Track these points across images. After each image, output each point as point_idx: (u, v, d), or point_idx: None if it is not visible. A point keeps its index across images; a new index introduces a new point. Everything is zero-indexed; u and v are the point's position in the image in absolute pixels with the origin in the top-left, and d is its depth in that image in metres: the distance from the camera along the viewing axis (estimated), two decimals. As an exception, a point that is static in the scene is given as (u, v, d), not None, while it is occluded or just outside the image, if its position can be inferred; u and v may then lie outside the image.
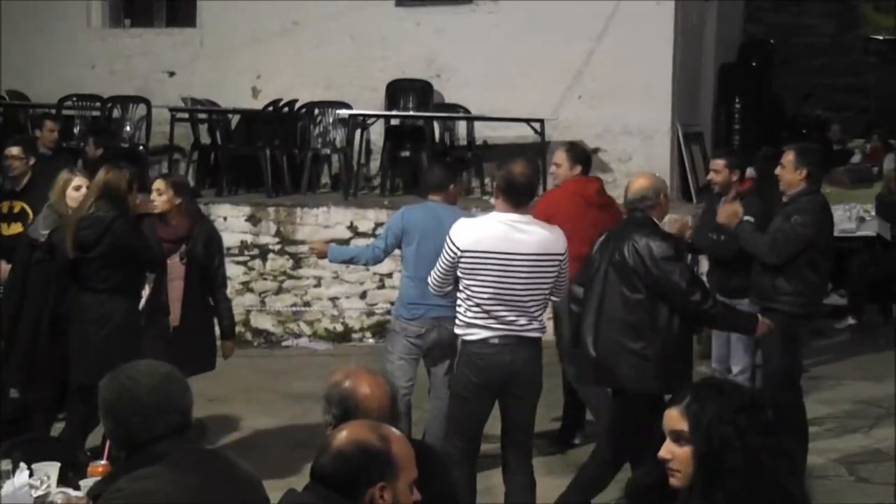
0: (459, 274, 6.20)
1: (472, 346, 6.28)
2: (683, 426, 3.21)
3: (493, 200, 6.74)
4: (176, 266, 7.91)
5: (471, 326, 6.25)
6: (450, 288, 6.41)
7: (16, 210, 9.14)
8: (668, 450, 3.24)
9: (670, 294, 6.48)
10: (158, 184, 8.04)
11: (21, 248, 7.92)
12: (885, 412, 9.17)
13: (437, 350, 7.65)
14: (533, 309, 6.23)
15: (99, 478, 4.48)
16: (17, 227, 8.96)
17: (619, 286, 6.56)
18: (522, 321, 6.20)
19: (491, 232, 6.18)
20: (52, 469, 4.85)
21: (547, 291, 6.29)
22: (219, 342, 8.25)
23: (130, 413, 3.59)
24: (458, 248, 6.16)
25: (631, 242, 6.53)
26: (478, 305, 6.18)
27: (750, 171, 9.47)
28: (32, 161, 9.33)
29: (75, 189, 7.62)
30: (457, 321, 6.36)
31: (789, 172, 7.61)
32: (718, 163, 8.43)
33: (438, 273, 6.34)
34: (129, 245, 7.44)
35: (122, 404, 3.61)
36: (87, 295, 7.45)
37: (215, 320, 8.26)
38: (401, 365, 7.58)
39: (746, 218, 7.82)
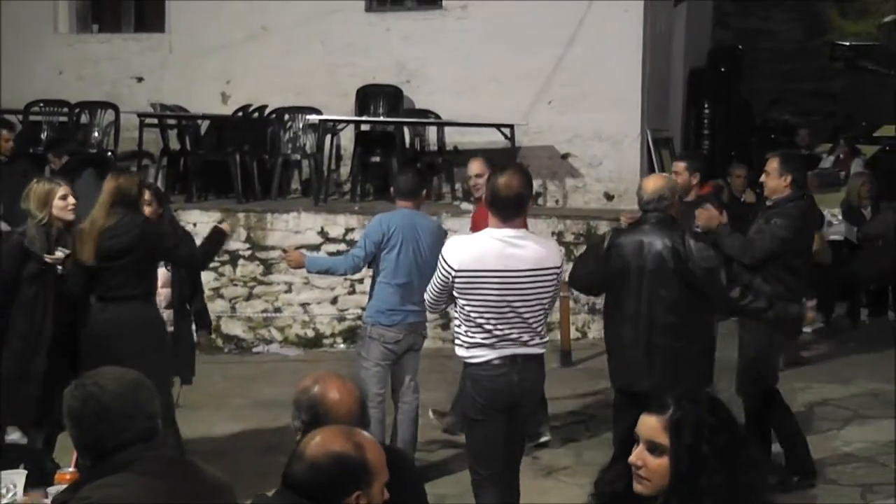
0: (456, 294, 5.95)
1: (477, 368, 6.02)
2: (663, 439, 3.18)
3: (463, 205, 6.74)
4: (163, 274, 7.88)
5: (474, 348, 5.99)
6: (444, 306, 6.23)
7: None
8: (640, 457, 3.20)
9: (716, 300, 6.59)
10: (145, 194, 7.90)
11: (7, 262, 7.27)
12: (852, 414, 9.22)
13: (408, 354, 7.74)
14: (535, 324, 6.02)
15: (66, 486, 4.45)
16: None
17: (657, 288, 6.60)
18: (525, 337, 5.99)
19: (485, 249, 5.93)
20: (18, 477, 4.82)
21: (546, 305, 6.08)
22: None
23: (96, 420, 3.53)
24: (451, 268, 5.89)
25: (667, 244, 6.57)
26: (479, 326, 5.94)
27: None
28: None
29: (62, 199, 7.17)
30: (458, 343, 6.09)
31: (774, 179, 7.65)
32: (679, 165, 8.51)
33: (433, 292, 6.09)
34: (163, 247, 7.33)
35: (88, 411, 3.54)
36: (114, 306, 7.14)
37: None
38: (377, 371, 7.60)
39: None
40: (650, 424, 3.22)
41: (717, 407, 3.27)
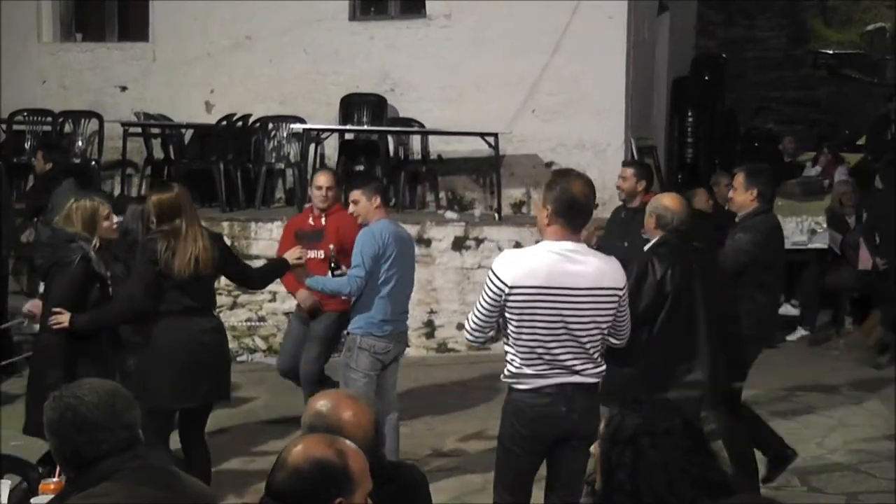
0: (507, 314, 5.36)
1: (521, 394, 5.44)
2: (602, 429, 3.31)
3: (448, 214, 6.65)
4: None
5: (521, 373, 5.42)
6: (492, 333, 5.58)
7: None
8: (594, 447, 3.37)
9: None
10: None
11: (71, 289, 6.98)
12: (837, 422, 9.24)
13: (392, 364, 7.78)
14: (591, 350, 5.44)
15: (51, 496, 4.43)
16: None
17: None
18: (579, 364, 5.42)
19: (542, 264, 5.36)
20: (3, 486, 4.80)
21: (605, 330, 5.50)
22: None
23: (74, 431, 3.52)
24: (505, 284, 5.31)
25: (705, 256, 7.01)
26: (530, 350, 5.37)
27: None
28: None
29: (106, 218, 7.03)
30: (507, 368, 5.49)
31: (741, 194, 7.64)
32: (627, 171, 8.62)
33: (481, 315, 5.44)
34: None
35: (66, 422, 3.54)
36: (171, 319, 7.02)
37: None
38: (365, 382, 7.55)
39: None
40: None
41: (649, 407, 3.35)
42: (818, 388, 10.22)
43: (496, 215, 12.30)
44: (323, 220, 8.67)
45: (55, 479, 4.65)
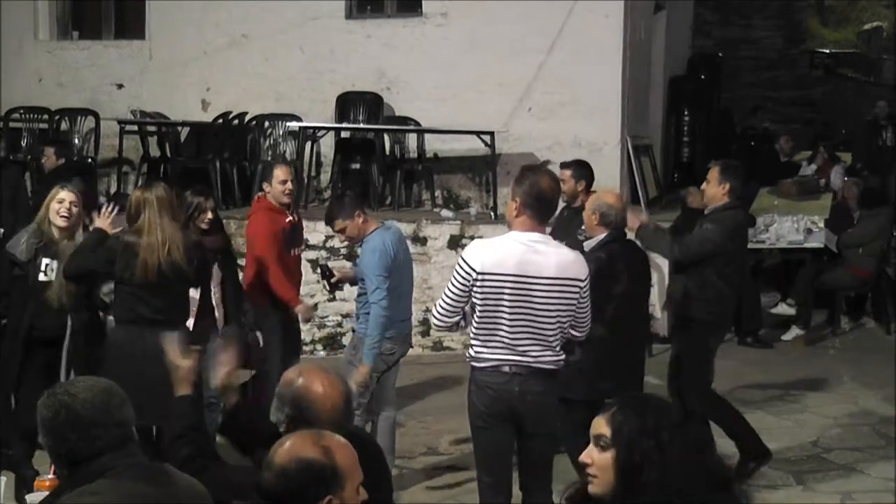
0: (474, 299, 5.64)
1: (481, 373, 5.74)
2: (607, 433, 3.21)
3: (443, 213, 6.68)
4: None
5: (482, 353, 5.71)
6: (458, 318, 5.79)
7: None
8: (588, 454, 3.22)
9: None
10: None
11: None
12: (832, 422, 9.25)
13: (395, 365, 7.78)
14: (551, 338, 5.70)
15: (46, 493, 4.44)
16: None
17: None
18: (537, 351, 5.68)
19: (510, 253, 5.64)
20: (-2, 483, 4.81)
21: (566, 320, 5.75)
22: None
23: (68, 429, 3.52)
24: (474, 271, 5.60)
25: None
26: (491, 333, 5.67)
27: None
28: None
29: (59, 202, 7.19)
30: (470, 349, 5.81)
31: (713, 187, 7.81)
32: (566, 172, 8.80)
33: (449, 300, 5.72)
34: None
35: (59, 420, 3.52)
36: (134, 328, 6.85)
37: None
38: (370, 382, 7.57)
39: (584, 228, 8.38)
40: (597, 422, 3.25)
41: (662, 404, 3.31)
42: (813, 387, 10.23)
43: (492, 214, 12.31)
44: (295, 217, 8.43)
45: (50, 477, 4.65)
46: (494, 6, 12.69)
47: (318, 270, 7.84)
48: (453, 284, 5.68)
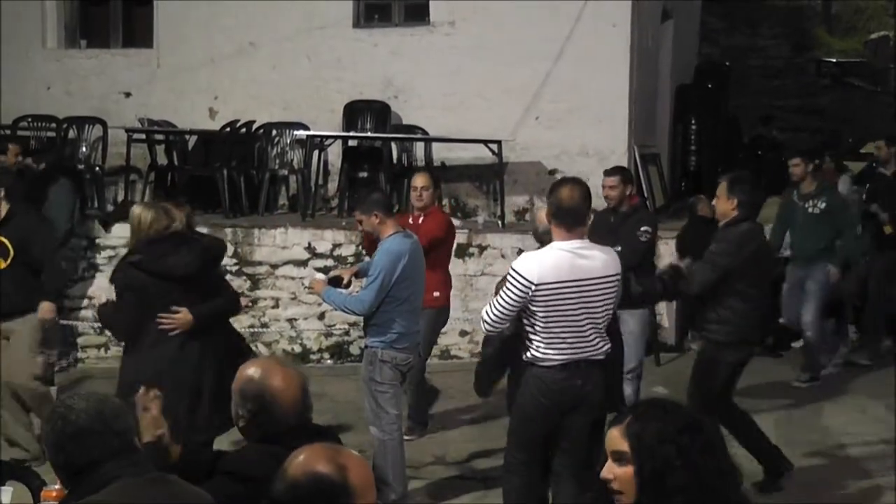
0: (533, 307, 6.10)
1: (544, 370, 6.24)
2: (624, 447, 3.19)
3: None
4: None
5: (546, 353, 6.20)
6: (507, 325, 6.28)
7: None
8: (609, 470, 3.20)
9: None
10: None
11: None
12: (840, 428, 9.24)
13: (407, 374, 7.80)
14: (603, 329, 6.32)
15: (53, 503, 4.45)
16: (-1, 264, 8.43)
17: None
18: (596, 341, 6.26)
19: (559, 261, 6.14)
20: (5, 494, 4.81)
21: (611, 311, 6.41)
22: None
23: (66, 438, 3.56)
24: (530, 283, 6.04)
25: None
26: (556, 335, 6.17)
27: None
28: (2, 192, 8.61)
29: None
30: (530, 351, 6.24)
31: (723, 203, 7.72)
32: (613, 179, 8.88)
33: (503, 310, 6.17)
34: None
35: (57, 431, 3.58)
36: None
37: None
38: (394, 393, 7.60)
39: (644, 228, 8.70)
40: (612, 436, 3.23)
41: (678, 410, 3.29)
42: (821, 397, 10.22)
43: (499, 222, 12.32)
44: (420, 220, 9.04)
45: (57, 487, 4.66)
46: (501, 14, 12.70)
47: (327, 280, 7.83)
48: (509, 296, 6.11)
